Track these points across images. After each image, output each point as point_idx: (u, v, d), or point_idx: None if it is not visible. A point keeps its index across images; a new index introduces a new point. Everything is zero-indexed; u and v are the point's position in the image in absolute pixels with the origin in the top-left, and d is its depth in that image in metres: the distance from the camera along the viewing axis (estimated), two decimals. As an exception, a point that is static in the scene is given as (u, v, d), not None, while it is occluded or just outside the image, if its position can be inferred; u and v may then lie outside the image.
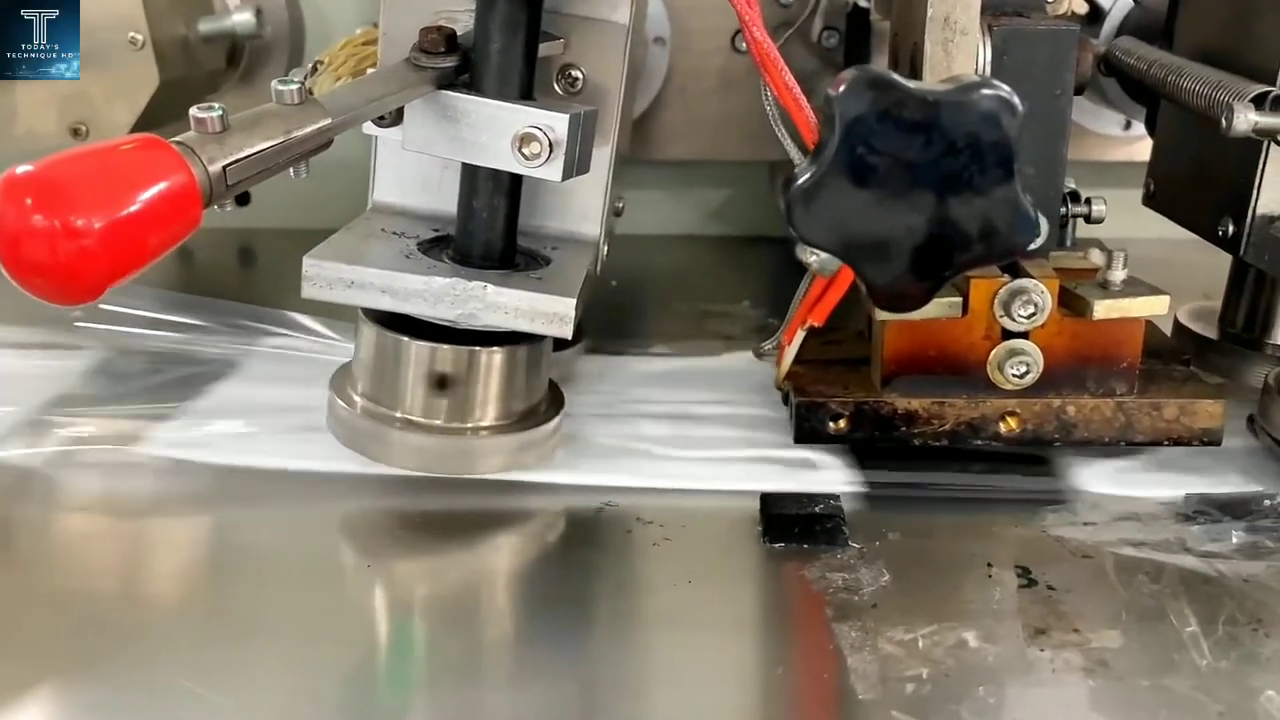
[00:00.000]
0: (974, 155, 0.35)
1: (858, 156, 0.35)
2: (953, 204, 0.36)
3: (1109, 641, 0.39)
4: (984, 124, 0.35)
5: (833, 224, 0.36)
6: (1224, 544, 0.45)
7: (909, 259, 0.37)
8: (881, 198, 0.36)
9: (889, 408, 0.51)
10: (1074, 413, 0.50)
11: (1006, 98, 0.35)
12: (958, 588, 0.43)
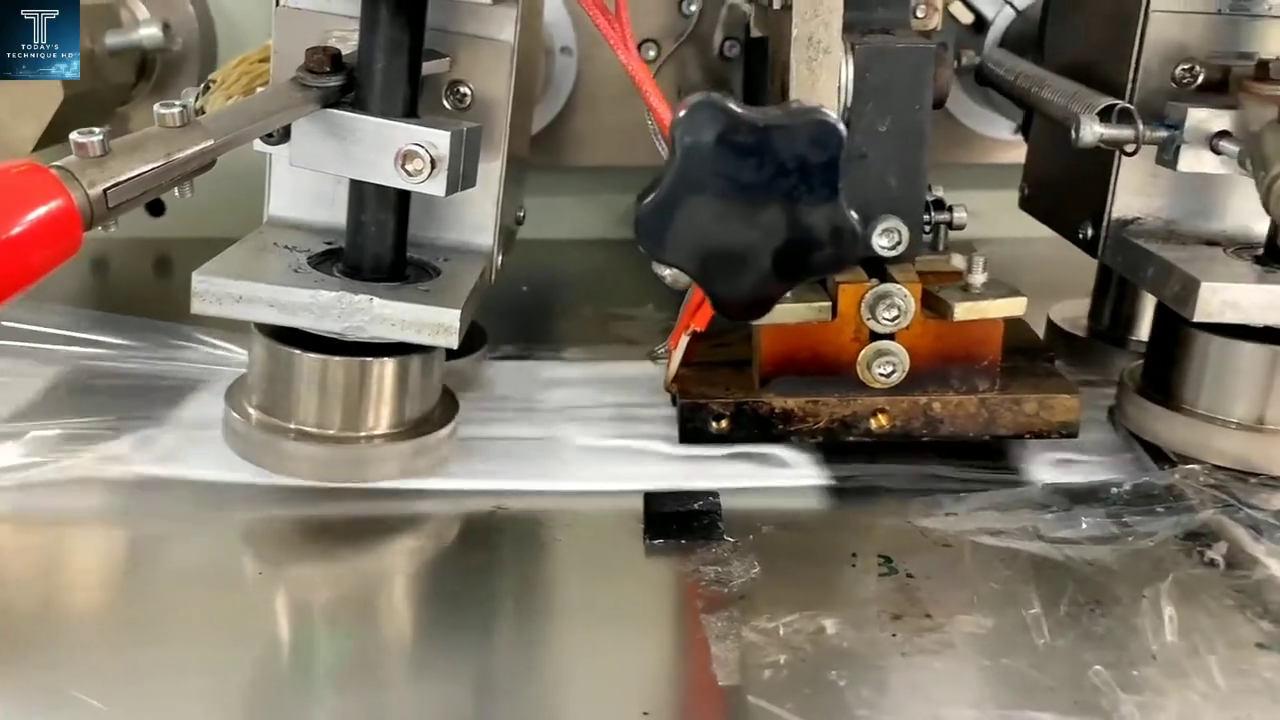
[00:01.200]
0: (802, 176, 0.38)
1: (695, 179, 0.37)
2: (783, 222, 0.38)
3: (957, 625, 0.42)
4: (810, 147, 0.38)
5: (675, 241, 0.39)
6: (1074, 530, 0.48)
7: (747, 273, 0.39)
8: (718, 217, 0.38)
9: (767, 407, 0.53)
10: (940, 409, 0.53)
11: (831, 123, 0.38)
12: (822, 577, 0.45)
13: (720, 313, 0.41)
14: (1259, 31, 0.53)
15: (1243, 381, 0.51)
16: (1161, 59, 0.53)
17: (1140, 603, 0.43)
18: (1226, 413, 0.51)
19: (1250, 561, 0.45)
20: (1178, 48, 0.53)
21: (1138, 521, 0.48)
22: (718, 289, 0.39)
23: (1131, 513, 0.48)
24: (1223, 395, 0.51)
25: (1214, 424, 0.51)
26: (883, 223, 0.50)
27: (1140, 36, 0.53)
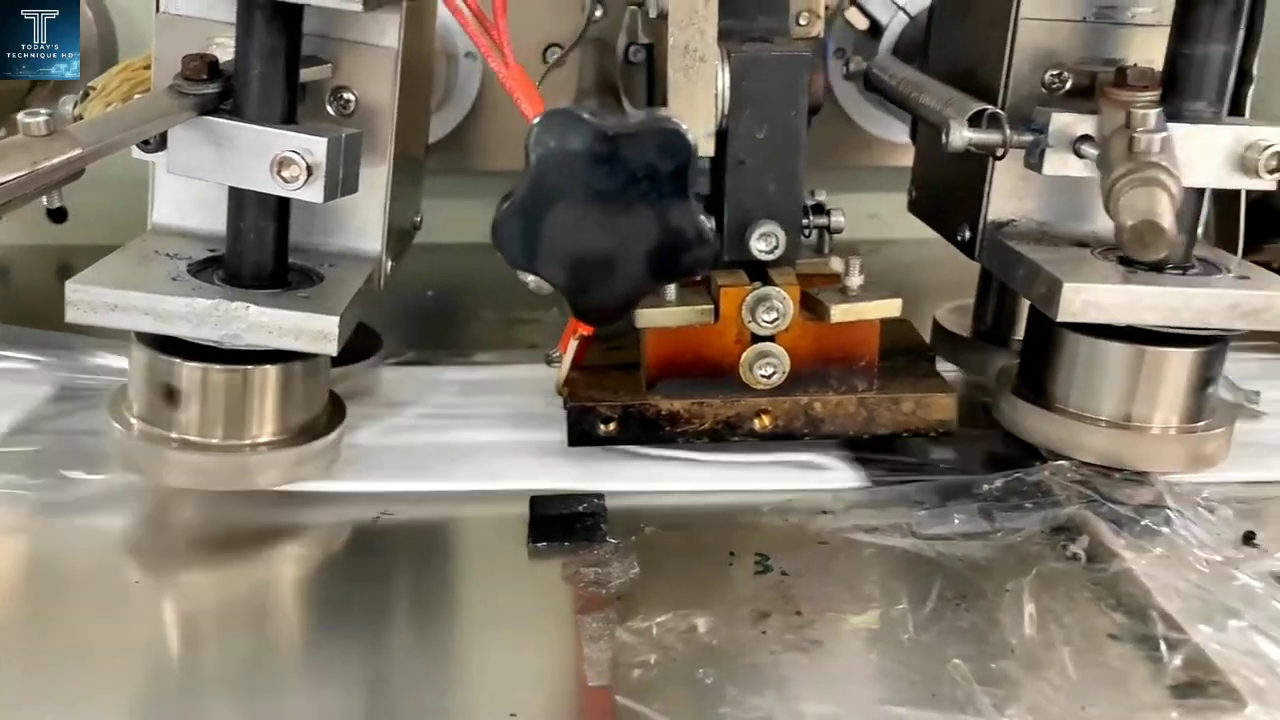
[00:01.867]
0: (653, 183, 0.38)
1: (548, 187, 0.38)
2: (636, 229, 0.39)
3: (827, 621, 0.43)
4: (660, 155, 0.38)
5: (530, 248, 0.39)
6: (946, 527, 0.49)
7: (602, 278, 0.40)
8: (572, 224, 0.39)
9: (654, 409, 0.54)
10: (820, 409, 0.54)
11: (679, 131, 0.39)
12: (699, 577, 0.46)
13: (578, 318, 0.42)
14: (1124, 39, 0.55)
15: (1111, 380, 0.53)
16: (1031, 65, 0.55)
17: (1004, 597, 0.44)
18: (1096, 411, 0.53)
19: (1109, 555, 0.46)
20: (1046, 55, 0.55)
21: (1007, 517, 0.49)
22: (574, 294, 0.40)
23: (1001, 509, 0.50)
24: (1092, 394, 0.53)
25: (1084, 422, 0.53)
26: (761, 227, 0.51)
27: (1010, 44, 0.55)
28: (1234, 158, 0.50)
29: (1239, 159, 0.50)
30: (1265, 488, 0.53)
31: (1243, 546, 0.48)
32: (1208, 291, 0.50)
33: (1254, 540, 0.48)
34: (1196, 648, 0.40)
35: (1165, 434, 0.53)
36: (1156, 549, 0.47)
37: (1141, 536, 0.48)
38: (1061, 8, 0.54)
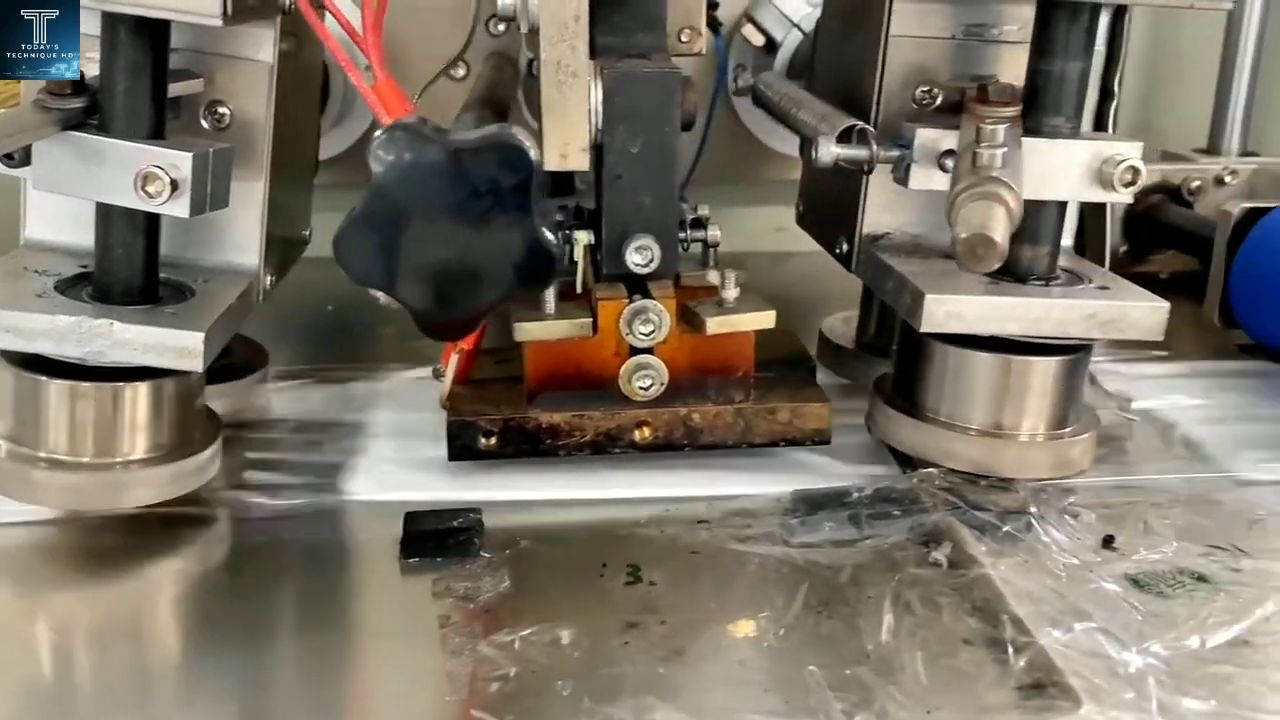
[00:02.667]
0: (495, 198, 0.39)
1: (390, 202, 0.38)
2: (479, 243, 0.39)
3: (691, 630, 0.43)
4: (501, 170, 0.39)
5: (373, 262, 0.39)
6: (817, 535, 0.50)
7: (447, 293, 0.40)
8: (413, 239, 0.39)
9: (534, 423, 0.54)
10: (699, 420, 0.54)
11: (519, 146, 0.39)
12: (569, 590, 0.46)
13: (424, 333, 0.42)
14: (994, 55, 0.56)
15: (979, 390, 0.54)
16: (902, 82, 0.56)
17: (865, 604, 0.45)
18: (965, 419, 0.54)
19: (969, 561, 0.47)
20: (917, 71, 0.56)
21: (876, 525, 0.50)
22: (417, 310, 0.40)
23: (871, 516, 0.51)
24: (961, 403, 0.54)
25: (954, 430, 0.54)
26: (636, 240, 0.52)
27: (881, 61, 0.56)
28: (1091, 172, 0.51)
29: (1096, 173, 0.51)
30: (1130, 492, 0.55)
31: (1102, 550, 0.49)
32: (1066, 302, 0.51)
33: (1113, 544, 0.49)
34: (1042, 650, 0.41)
35: (1033, 441, 0.54)
36: (1016, 555, 0.48)
37: (1003, 542, 0.49)
38: (930, 25, 0.56)
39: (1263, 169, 0.87)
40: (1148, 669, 0.40)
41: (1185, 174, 0.88)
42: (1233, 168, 0.88)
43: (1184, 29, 0.97)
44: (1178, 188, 0.88)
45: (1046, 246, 0.53)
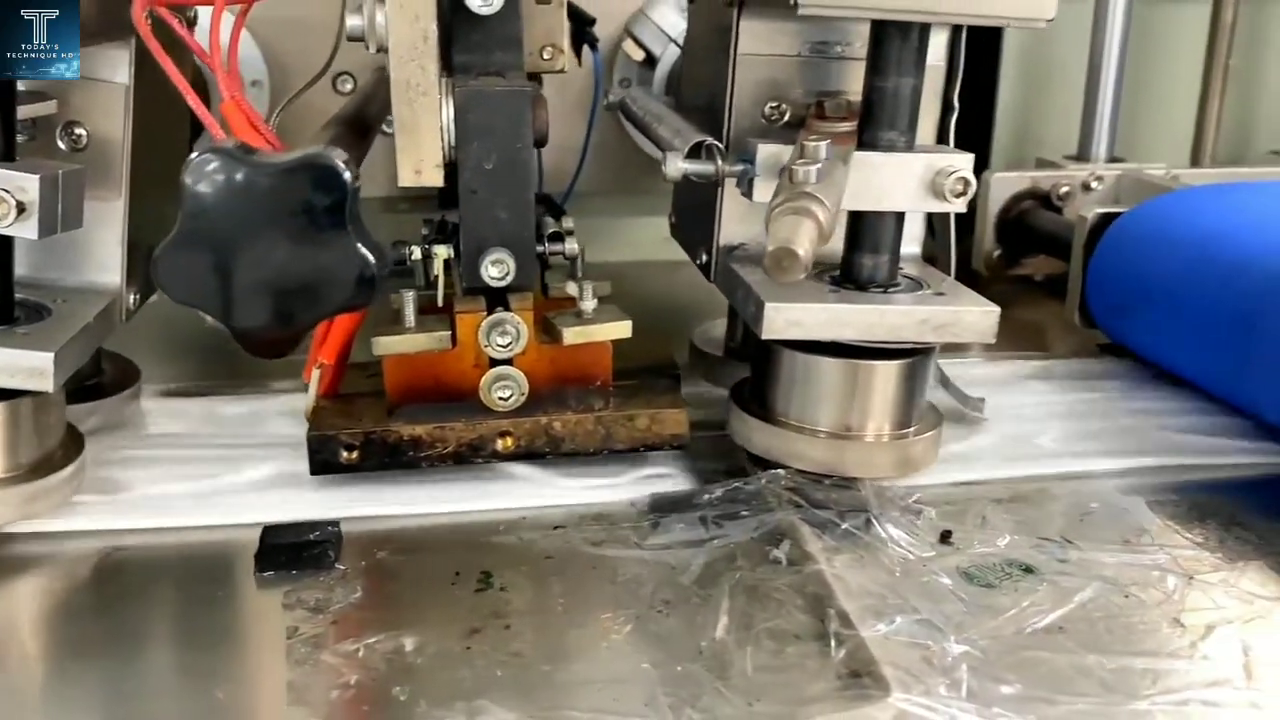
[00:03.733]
0: (310, 217, 0.40)
1: (205, 224, 0.39)
2: (297, 261, 0.41)
3: (533, 633, 0.44)
4: (316, 190, 0.40)
5: (192, 282, 0.40)
6: (668, 537, 0.51)
7: (265, 310, 0.41)
8: (229, 259, 0.40)
9: (396, 435, 0.55)
10: (560, 428, 0.56)
11: (332, 166, 0.40)
12: (419, 598, 0.47)
13: (247, 350, 0.43)
14: (840, 72, 0.59)
15: (826, 393, 0.56)
16: (751, 99, 0.58)
17: (706, 602, 0.46)
18: (814, 422, 0.56)
19: (806, 558, 0.49)
20: (767, 88, 0.58)
21: (724, 525, 0.52)
22: (237, 328, 0.41)
23: (720, 518, 0.52)
24: (810, 407, 0.56)
25: (803, 433, 0.56)
26: (491, 254, 0.53)
27: (731, 78, 0.58)
28: (925, 183, 0.54)
29: (930, 184, 0.54)
30: (974, 488, 0.57)
31: (939, 545, 0.51)
32: (901, 308, 0.53)
33: (950, 539, 0.51)
34: (862, 642, 0.43)
35: (878, 441, 0.56)
36: (853, 551, 0.50)
37: (841, 540, 0.51)
38: (778, 44, 0.58)
39: (1127, 174, 0.91)
40: (963, 657, 0.42)
41: (1055, 180, 0.92)
42: (1099, 173, 0.92)
43: (1057, 40, 1.01)
44: (1048, 194, 0.92)
45: (886, 255, 0.56)
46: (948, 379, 0.65)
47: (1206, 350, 0.64)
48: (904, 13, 0.49)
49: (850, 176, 0.53)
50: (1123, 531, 0.52)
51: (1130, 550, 0.51)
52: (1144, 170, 0.91)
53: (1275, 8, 1.04)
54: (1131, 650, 0.43)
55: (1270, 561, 0.50)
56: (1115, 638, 0.44)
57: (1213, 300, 0.63)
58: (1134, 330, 0.71)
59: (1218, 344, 0.62)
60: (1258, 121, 1.06)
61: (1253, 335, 0.60)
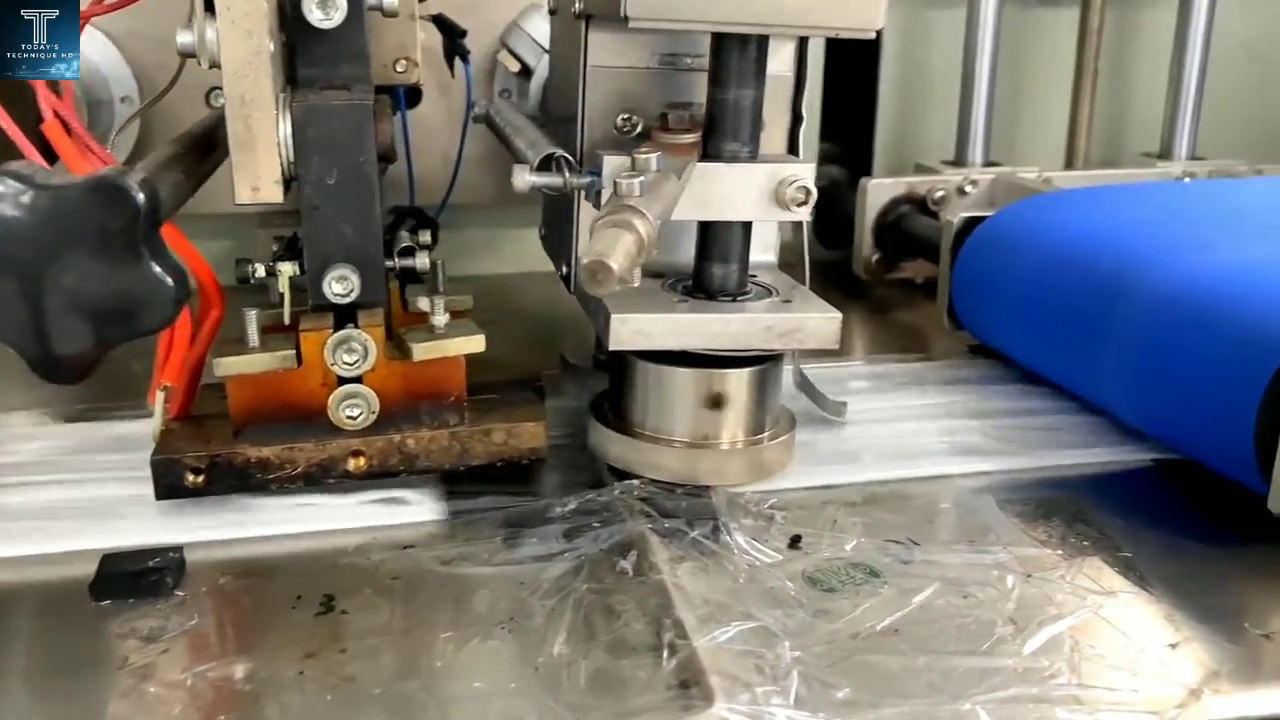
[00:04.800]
0: (103, 240, 0.39)
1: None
2: (90, 285, 0.40)
3: (368, 657, 0.44)
4: (105, 212, 0.39)
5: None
6: (519, 552, 0.51)
7: (55, 338, 0.40)
8: (18, 284, 0.39)
9: (242, 458, 0.54)
10: (414, 445, 0.55)
11: (121, 187, 0.39)
12: (257, 623, 0.47)
13: (42, 377, 0.42)
14: (691, 83, 0.59)
15: (680, 402, 0.56)
16: (603, 111, 0.58)
17: (549, 616, 0.46)
18: (669, 432, 0.56)
19: (651, 568, 0.49)
20: (618, 100, 0.58)
21: (575, 539, 0.51)
22: (30, 356, 0.40)
23: (571, 531, 0.52)
24: (665, 416, 0.56)
25: (659, 443, 0.56)
26: (334, 271, 0.53)
27: (582, 91, 0.58)
28: (768, 193, 0.54)
29: (773, 194, 0.54)
30: (829, 492, 0.57)
31: (789, 550, 0.51)
32: (746, 316, 0.54)
33: (799, 544, 0.52)
34: (694, 652, 0.43)
35: (732, 448, 0.56)
36: (699, 560, 0.50)
37: (689, 548, 0.51)
38: (627, 56, 0.58)
39: (1000, 179, 0.93)
40: (795, 663, 0.43)
41: (930, 185, 0.93)
42: (974, 178, 0.94)
43: (934, 47, 1.03)
44: (924, 198, 0.93)
45: (735, 264, 0.56)
46: (810, 384, 0.65)
47: (1060, 351, 0.65)
48: (733, 25, 0.50)
49: (694, 187, 0.54)
50: (969, 532, 0.53)
51: (974, 550, 0.51)
52: (1017, 174, 0.93)
53: (1143, 12, 1.06)
54: (963, 650, 0.44)
55: (1106, 557, 0.51)
56: (949, 638, 0.45)
57: (1064, 301, 0.64)
58: (996, 331, 0.73)
59: (1070, 345, 0.64)
60: (1130, 123, 1.08)
61: (1101, 336, 0.61)
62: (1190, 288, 0.57)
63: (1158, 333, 0.57)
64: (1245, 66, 1.09)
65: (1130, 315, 0.59)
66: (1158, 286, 0.58)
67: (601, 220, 0.42)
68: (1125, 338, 0.59)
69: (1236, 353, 0.52)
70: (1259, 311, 0.52)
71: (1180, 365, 0.56)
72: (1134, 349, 0.58)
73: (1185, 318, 0.56)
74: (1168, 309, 0.57)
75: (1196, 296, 0.56)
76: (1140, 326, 0.58)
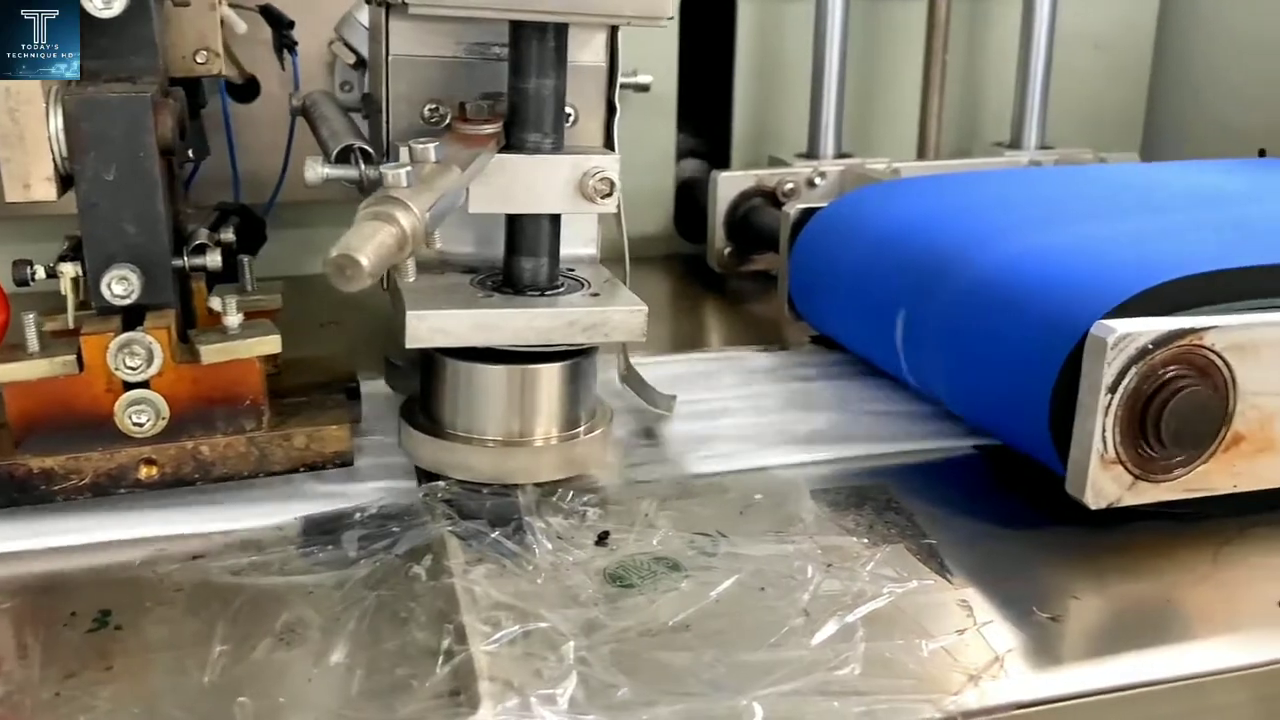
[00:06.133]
0: None
1: None
2: None
3: (133, 675, 0.42)
4: None
5: None
6: (312, 559, 0.49)
7: None
8: None
9: (24, 469, 0.51)
10: (209, 452, 0.53)
11: None
12: (23, 642, 0.44)
13: None
14: (503, 72, 0.57)
15: (490, 401, 0.55)
16: (408, 101, 0.56)
17: (334, 626, 0.44)
18: (481, 431, 0.55)
19: (443, 572, 0.47)
20: (423, 89, 0.56)
21: (374, 544, 0.50)
22: None
23: (371, 536, 0.50)
24: (477, 416, 0.55)
25: (471, 443, 0.55)
26: (113, 271, 0.50)
27: (386, 80, 0.56)
28: (573, 184, 0.53)
29: (578, 185, 0.53)
30: (645, 487, 0.56)
31: (595, 547, 0.50)
32: (550, 311, 0.52)
33: (606, 540, 0.51)
34: (470, 657, 0.42)
35: (547, 444, 0.55)
36: (497, 561, 0.48)
37: (489, 550, 0.49)
38: (432, 45, 0.56)
39: (849, 170, 0.94)
40: (578, 663, 0.42)
41: (780, 178, 0.93)
42: (823, 170, 0.94)
43: (787, 40, 1.03)
44: (774, 191, 0.93)
45: (544, 258, 0.55)
46: (639, 378, 0.65)
47: (885, 338, 0.65)
48: (516, 12, 0.49)
49: (495, 180, 0.53)
50: (779, 523, 0.53)
51: (780, 541, 0.51)
52: (865, 165, 0.93)
53: (990, 4, 1.08)
54: (753, 644, 0.43)
55: (911, 545, 0.51)
56: (741, 632, 0.44)
57: (886, 289, 0.64)
58: (829, 321, 0.73)
59: (893, 332, 0.64)
60: (983, 114, 1.10)
61: (920, 324, 0.61)
62: (995, 273, 0.57)
63: (966, 318, 0.57)
64: (1094, 55, 1.11)
65: (944, 301, 0.59)
66: (968, 272, 0.58)
67: (362, 212, 0.41)
68: (940, 324, 0.59)
69: (1034, 336, 0.52)
70: (1057, 294, 0.53)
71: (985, 350, 0.56)
72: (948, 335, 0.58)
73: (989, 302, 0.56)
74: (975, 294, 0.57)
75: (1001, 281, 0.56)
76: (952, 312, 0.58)
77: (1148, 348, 0.48)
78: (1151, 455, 0.50)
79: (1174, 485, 0.51)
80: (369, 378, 0.64)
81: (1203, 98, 1.12)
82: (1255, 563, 0.50)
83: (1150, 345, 0.48)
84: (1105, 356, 0.48)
